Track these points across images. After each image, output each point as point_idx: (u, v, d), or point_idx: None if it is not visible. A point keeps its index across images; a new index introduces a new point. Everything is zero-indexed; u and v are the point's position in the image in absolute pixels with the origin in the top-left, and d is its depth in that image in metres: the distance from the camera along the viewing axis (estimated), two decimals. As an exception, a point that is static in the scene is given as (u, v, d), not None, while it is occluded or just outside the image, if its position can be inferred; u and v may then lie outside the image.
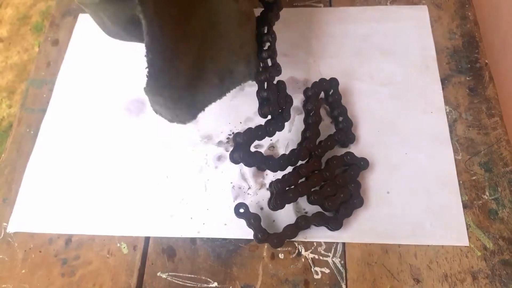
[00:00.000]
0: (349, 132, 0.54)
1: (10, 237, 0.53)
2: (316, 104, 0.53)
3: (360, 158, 0.51)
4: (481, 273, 0.46)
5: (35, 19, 1.52)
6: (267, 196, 0.52)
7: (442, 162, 0.52)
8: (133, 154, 0.56)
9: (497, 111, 0.55)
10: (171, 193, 0.53)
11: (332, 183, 0.49)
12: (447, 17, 0.63)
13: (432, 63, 0.59)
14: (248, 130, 0.48)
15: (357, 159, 0.51)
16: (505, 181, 0.51)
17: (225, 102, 0.59)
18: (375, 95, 0.58)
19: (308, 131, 0.52)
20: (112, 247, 0.51)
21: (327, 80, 0.55)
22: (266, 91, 0.47)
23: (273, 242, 0.47)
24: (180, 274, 0.49)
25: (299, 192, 0.48)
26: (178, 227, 0.51)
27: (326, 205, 0.48)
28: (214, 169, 0.54)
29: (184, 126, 0.58)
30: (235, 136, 0.49)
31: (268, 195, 0.52)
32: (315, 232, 0.49)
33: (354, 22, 0.64)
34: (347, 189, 0.49)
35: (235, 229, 0.50)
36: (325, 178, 0.50)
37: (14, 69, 1.43)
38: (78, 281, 0.49)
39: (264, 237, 0.47)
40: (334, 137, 0.52)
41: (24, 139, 0.59)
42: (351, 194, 0.49)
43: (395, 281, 0.46)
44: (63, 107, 0.61)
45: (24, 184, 0.56)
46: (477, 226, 0.48)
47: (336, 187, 0.49)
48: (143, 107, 0.60)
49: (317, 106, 0.53)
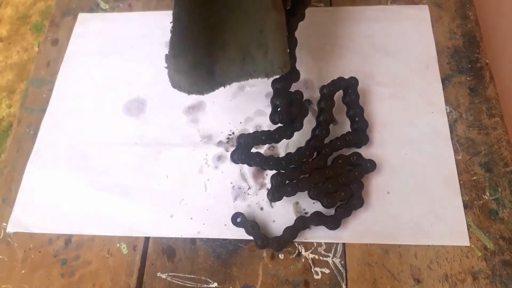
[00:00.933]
0: (363, 133, 0.53)
1: (10, 237, 0.53)
2: (329, 103, 0.52)
3: (367, 159, 0.51)
4: (482, 273, 0.46)
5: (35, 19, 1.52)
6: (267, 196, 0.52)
7: (443, 162, 0.52)
8: (133, 154, 0.56)
9: (497, 111, 0.55)
10: (171, 193, 0.53)
11: (334, 181, 0.49)
12: (447, 17, 0.63)
13: (433, 63, 0.59)
14: (254, 133, 0.48)
15: (364, 160, 0.51)
16: (505, 181, 0.51)
17: (225, 102, 0.59)
18: (376, 95, 0.57)
19: (318, 129, 0.52)
20: (112, 247, 0.51)
21: (345, 79, 0.54)
22: (279, 99, 0.47)
23: (274, 246, 0.47)
24: (180, 275, 0.49)
25: (298, 187, 0.48)
26: (178, 228, 0.51)
27: (326, 202, 0.48)
28: (214, 169, 0.54)
29: (184, 126, 0.58)
30: (239, 137, 0.49)
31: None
32: (315, 233, 0.49)
33: (355, 22, 0.64)
34: (349, 189, 0.49)
35: (235, 230, 0.50)
36: (327, 176, 0.49)
37: (14, 68, 1.43)
38: (77, 281, 0.49)
39: (264, 243, 0.47)
40: (345, 137, 0.52)
41: (24, 139, 0.59)
42: (352, 194, 0.49)
43: (395, 281, 0.46)
44: (63, 106, 0.61)
45: (24, 184, 0.56)
46: (477, 226, 0.48)
47: (338, 185, 0.49)
48: (143, 107, 0.60)
49: (330, 105, 0.52)
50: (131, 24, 0.67)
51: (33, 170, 0.57)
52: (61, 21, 0.70)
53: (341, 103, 0.56)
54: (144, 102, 0.60)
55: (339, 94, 0.55)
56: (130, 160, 0.56)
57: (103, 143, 0.58)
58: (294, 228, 0.48)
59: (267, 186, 0.52)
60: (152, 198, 0.53)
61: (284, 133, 0.48)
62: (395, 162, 0.53)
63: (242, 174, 0.54)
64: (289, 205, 0.51)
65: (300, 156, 0.49)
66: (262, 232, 0.49)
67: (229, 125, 0.57)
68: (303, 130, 0.50)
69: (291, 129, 0.48)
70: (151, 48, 0.65)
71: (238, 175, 0.54)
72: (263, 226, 0.50)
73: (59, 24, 0.69)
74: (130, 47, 0.65)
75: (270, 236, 0.49)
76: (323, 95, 0.54)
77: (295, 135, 0.49)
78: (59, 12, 0.70)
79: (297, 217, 0.49)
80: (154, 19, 0.67)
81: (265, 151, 0.55)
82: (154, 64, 0.63)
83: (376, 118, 0.56)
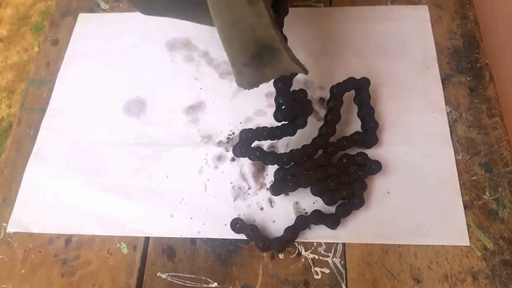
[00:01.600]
0: (373, 134, 0.53)
1: (10, 237, 0.53)
2: (337, 103, 0.52)
3: (372, 160, 0.51)
4: (481, 273, 0.46)
5: (35, 19, 1.52)
6: (267, 196, 0.52)
7: (443, 162, 0.52)
8: (133, 154, 0.56)
9: (497, 111, 0.55)
10: (171, 193, 0.53)
11: (337, 178, 0.49)
12: (447, 17, 0.63)
13: (433, 63, 0.59)
14: (256, 128, 0.48)
15: (369, 161, 0.50)
16: (505, 181, 0.51)
17: (225, 102, 0.59)
18: (376, 95, 0.57)
19: (324, 128, 0.52)
20: (112, 247, 0.51)
21: (356, 79, 0.54)
22: (282, 98, 0.47)
23: (275, 247, 0.47)
24: (180, 274, 0.49)
25: (299, 182, 0.48)
26: (178, 227, 0.51)
27: (326, 199, 0.48)
28: (214, 169, 0.54)
29: (184, 126, 0.58)
30: (241, 131, 0.49)
31: (268, 196, 0.52)
32: (315, 233, 0.49)
33: (354, 22, 0.64)
34: (352, 188, 0.49)
35: (235, 229, 0.50)
36: (330, 173, 0.49)
37: (13, 69, 1.43)
38: (78, 281, 0.49)
39: (265, 245, 0.47)
40: (352, 137, 0.52)
41: (24, 139, 0.59)
42: (354, 193, 0.49)
43: (395, 281, 0.46)
44: (63, 107, 0.61)
45: (24, 184, 0.56)
46: (477, 226, 0.48)
47: (340, 183, 0.49)
48: (143, 107, 0.60)
49: (338, 105, 0.52)
50: (131, 24, 0.67)
51: (33, 170, 0.57)
52: (61, 21, 0.70)
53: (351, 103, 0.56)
54: (144, 102, 0.60)
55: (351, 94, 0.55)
56: (130, 160, 0.56)
57: (103, 143, 0.58)
58: (294, 228, 0.48)
59: (267, 186, 0.53)
60: (152, 198, 0.53)
61: (287, 130, 0.48)
62: (395, 162, 0.53)
63: (242, 174, 0.54)
64: (289, 205, 0.51)
65: (303, 152, 0.49)
66: (262, 233, 0.49)
67: (229, 125, 0.57)
68: (305, 133, 0.50)
69: (294, 126, 0.48)
70: (151, 48, 0.65)
71: (238, 175, 0.54)
72: (263, 226, 0.50)
73: (59, 25, 0.69)
74: (130, 47, 0.65)
75: (271, 236, 0.49)
76: (333, 94, 0.54)
77: (296, 136, 0.49)
78: (59, 13, 0.70)
79: (297, 216, 0.49)
80: (154, 19, 0.67)
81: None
82: (154, 64, 0.63)
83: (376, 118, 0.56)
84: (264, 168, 0.54)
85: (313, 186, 0.49)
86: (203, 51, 0.64)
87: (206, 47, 0.64)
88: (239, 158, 0.54)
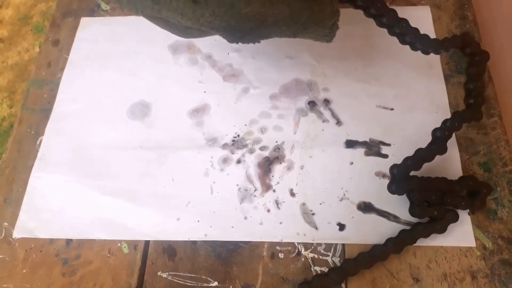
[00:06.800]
0: (478, 109, 0.51)
1: (11, 237, 0.53)
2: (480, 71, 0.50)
3: (481, 182, 0.49)
4: (481, 273, 0.46)
5: (36, 20, 1.52)
6: (274, 198, 0.52)
7: (444, 162, 0.52)
8: (138, 157, 0.56)
9: (496, 111, 0.55)
10: (177, 196, 0.53)
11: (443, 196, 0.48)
12: (446, 17, 0.63)
13: (436, 63, 0.59)
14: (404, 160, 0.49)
15: (479, 185, 0.49)
16: (504, 181, 0.51)
17: (230, 105, 0.59)
18: (380, 96, 0.58)
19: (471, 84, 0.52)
20: (113, 246, 0.51)
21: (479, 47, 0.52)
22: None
23: None
24: (180, 274, 0.49)
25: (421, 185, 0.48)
26: (185, 231, 0.51)
27: (417, 209, 0.47)
28: (220, 172, 0.54)
29: (189, 129, 0.58)
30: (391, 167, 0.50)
31: (275, 197, 0.52)
32: (315, 232, 0.49)
33: (356, 23, 0.64)
34: (444, 212, 0.47)
35: (243, 232, 0.50)
36: (451, 188, 0.48)
37: (14, 69, 1.43)
38: (78, 280, 0.50)
39: None
40: (462, 114, 0.50)
41: (25, 139, 0.60)
42: (436, 219, 0.48)
43: (394, 280, 0.47)
44: (67, 111, 0.61)
45: (29, 189, 0.55)
46: (476, 226, 0.49)
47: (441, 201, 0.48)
48: (148, 110, 0.60)
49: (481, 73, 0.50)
50: (134, 27, 0.67)
51: (38, 176, 0.56)
52: (62, 22, 0.70)
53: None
54: (149, 105, 0.60)
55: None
56: (135, 164, 0.56)
57: (108, 147, 0.57)
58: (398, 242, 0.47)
59: (273, 188, 0.53)
60: (158, 201, 0.53)
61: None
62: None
63: (248, 176, 0.54)
64: (296, 206, 0.51)
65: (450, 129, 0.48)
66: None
67: (234, 128, 0.57)
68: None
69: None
70: (155, 51, 0.65)
71: (244, 177, 0.54)
72: (270, 228, 0.50)
73: (60, 25, 0.70)
74: (133, 50, 0.65)
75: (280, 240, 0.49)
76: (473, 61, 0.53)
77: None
78: (60, 13, 0.71)
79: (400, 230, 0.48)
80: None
81: (270, 152, 0.55)
82: (158, 67, 0.63)
83: (380, 119, 0.56)
84: (270, 170, 0.54)
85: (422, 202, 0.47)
86: (207, 53, 0.64)
87: (209, 50, 0.64)
88: (245, 160, 0.54)
